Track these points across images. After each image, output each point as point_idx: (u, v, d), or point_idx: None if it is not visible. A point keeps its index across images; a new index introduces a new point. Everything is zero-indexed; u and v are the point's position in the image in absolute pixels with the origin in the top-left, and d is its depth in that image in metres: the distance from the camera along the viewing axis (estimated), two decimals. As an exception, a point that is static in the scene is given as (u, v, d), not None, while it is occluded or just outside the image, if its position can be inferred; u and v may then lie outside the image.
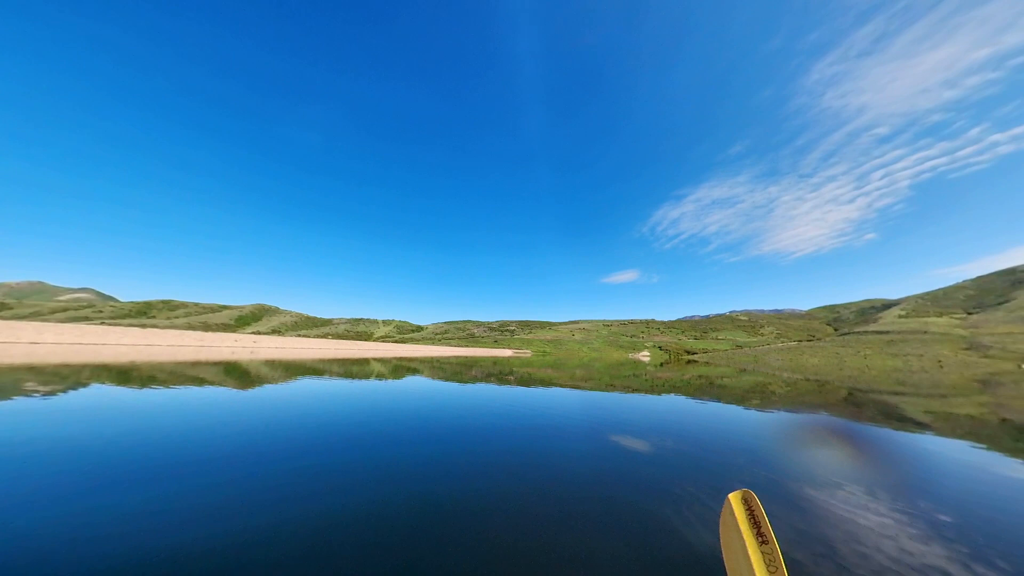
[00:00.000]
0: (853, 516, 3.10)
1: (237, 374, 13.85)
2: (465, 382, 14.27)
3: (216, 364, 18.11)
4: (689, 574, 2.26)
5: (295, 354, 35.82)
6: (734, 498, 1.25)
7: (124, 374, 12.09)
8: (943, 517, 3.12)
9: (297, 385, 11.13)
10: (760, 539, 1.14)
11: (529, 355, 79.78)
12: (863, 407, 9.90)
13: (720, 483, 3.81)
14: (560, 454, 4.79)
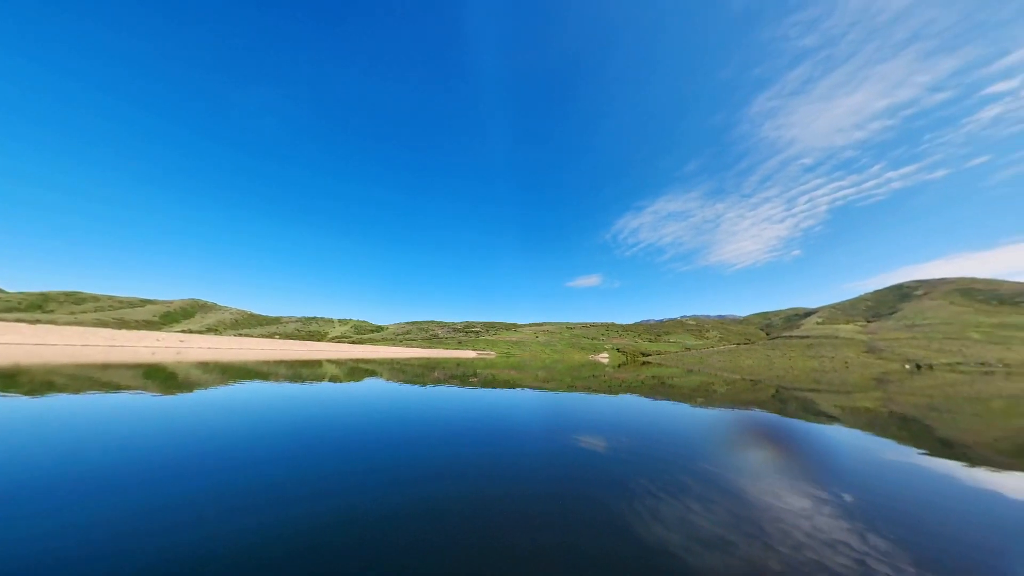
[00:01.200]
0: (778, 500, 3.49)
1: (159, 378, 12.21)
2: (427, 384, 13.89)
3: (131, 367, 15.79)
4: (636, 564, 2.40)
5: (234, 355, 32.40)
6: None
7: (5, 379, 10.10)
8: (847, 496, 3.63)
9: (233, 390, 10.08)
10: None
11: (493, 356, 79.74)
12: (787, 403, 11.21)
13: (668, 476, 4.10)
14: (522, 455, 4.83)
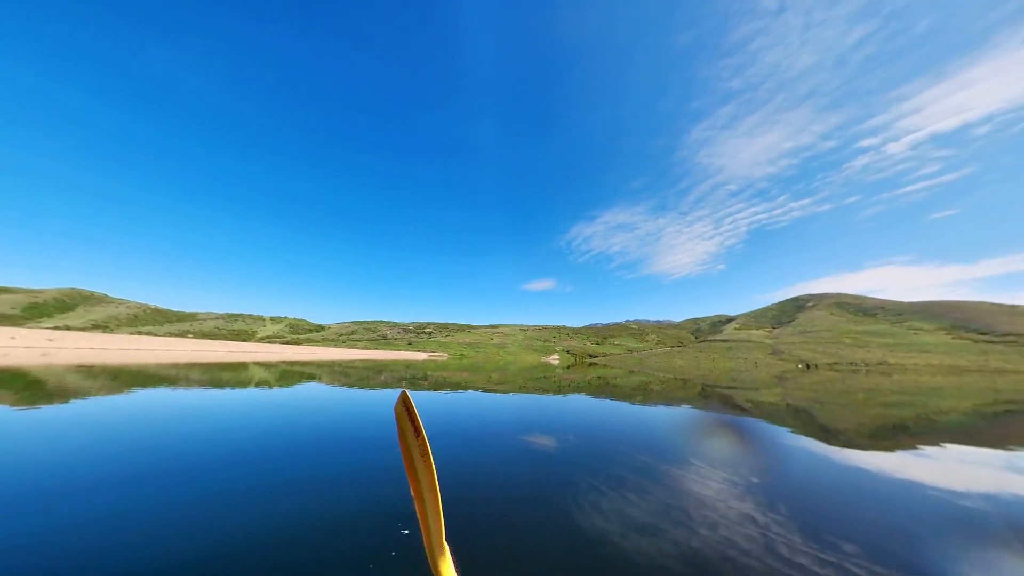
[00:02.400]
0: (700, 486, 3.91)
1: (14, 386, 9.80)
2: (372, 388, 13.07)
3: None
4: (575, 556, 2.51)
5: (128, 356, 27.24)
6: (397, 401, 1.47)
7: None
8: (753, 479, 4.20)
9: (132, 399, 8.49)
10: (415, 432, 1.39)
11: (446, 358, 77.87)
12: (710, 399, 12.66)
13: (610, 470, 4.36)
14: (472, 458, 4.78)
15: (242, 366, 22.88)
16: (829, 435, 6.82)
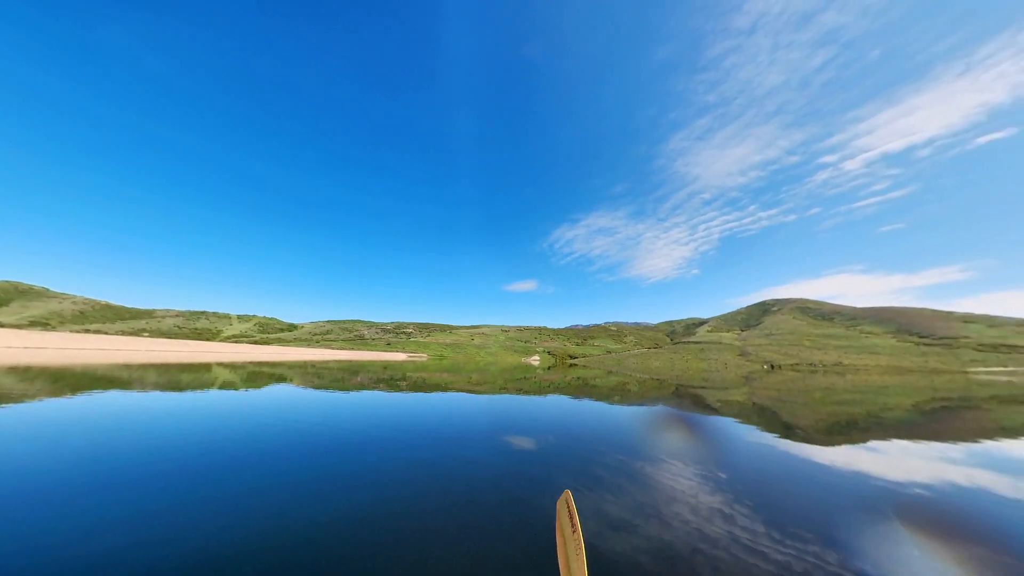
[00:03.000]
0: (672, 482, 4.06)
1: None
2: (348, 390, 12.65)
3: None
4: (553, 559, 2.54)
5: (71, 357, 25.00)
6: (561, 499, 1.80)
7: None
8: (722, 474, 4.40)
9: (75, 404, 7.80)
10: (572, 528, 1.63)
11: (425, 359, 76.58)
12: (683, 398, 13.17)
13: (588, 470, 4.44)
14: (454, 460, 4.73)
15: (204, 367, 21.53)
16: (790, 431, 7.27)
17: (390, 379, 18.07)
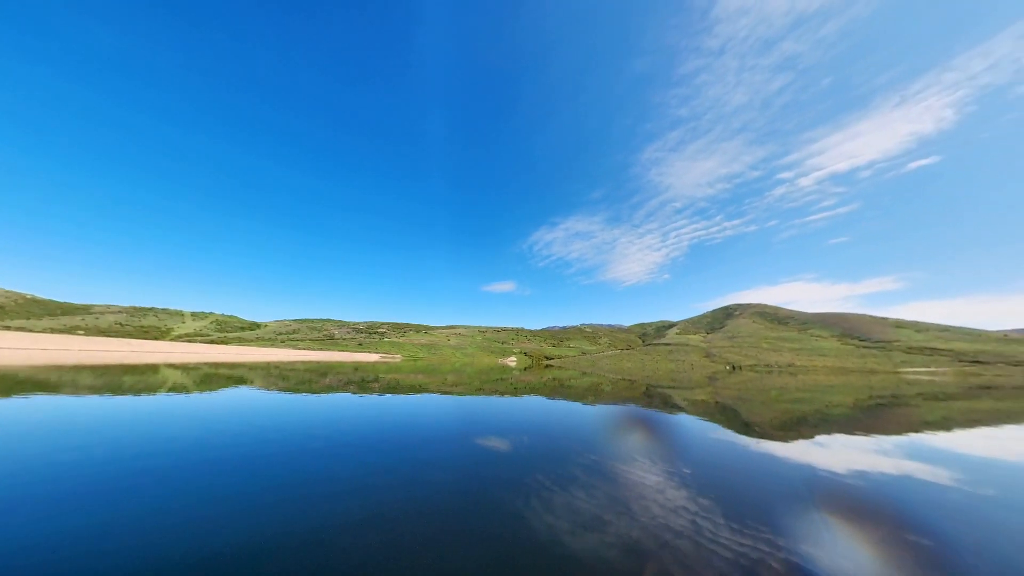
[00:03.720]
0: (642, 479, 4.22)
1: None
2: (317, 392, 12.07)
3: None
4: (526, 557, 2.56)
5: (-5, 358, 22.06)
6: None
7: None
8: (686, 470, 4.63)
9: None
10: None
11: (399, 360, 74.59)
12: (653, 398, 13.70)
13: (562, 469, 4.52)
14: (428, 463, 4.64)
15: (150, 368, 19.73)
16: (748, 428, 7.77)
17: (361, 381, 17.44)
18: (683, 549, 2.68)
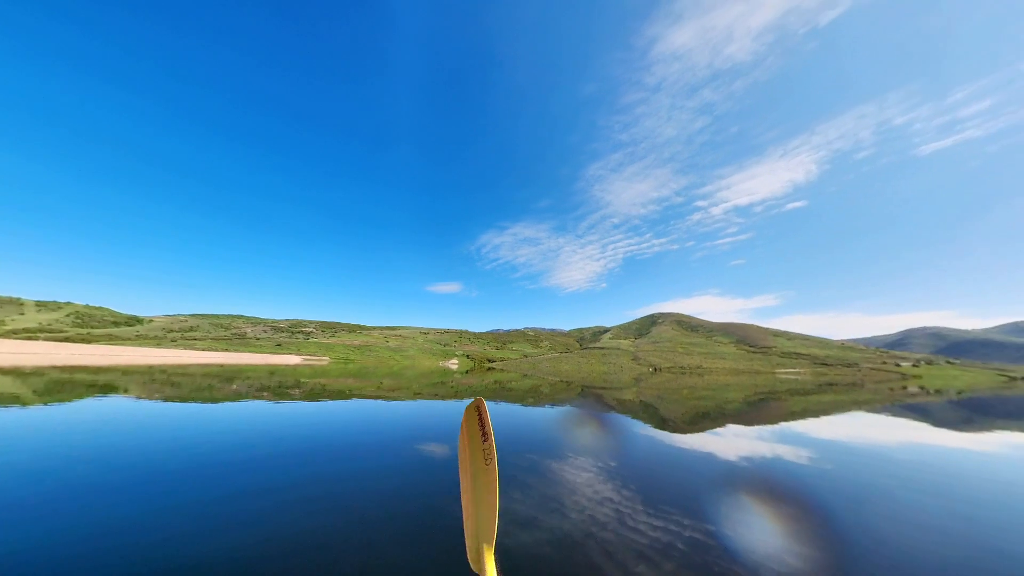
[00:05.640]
0: (573, 475, 4.46)
1: None
2: (218, 401, 10.30)
3: None
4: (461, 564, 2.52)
5: None
6: (470, 406, 1.47)
7: None
8: (612, 463, 5.02)
9: None
10: (483, 437, 1.42)
11: (327, 363, 67.56)
12: (587, 398, 14.63)
13: (500, 471, 4.54)
14: (359, 475, 4.27)
15: (-34, 374, 14.79)
16: (664, 423, 8.76)
17: (278, 387, 15.38)
18: (607, 538, 2.89)
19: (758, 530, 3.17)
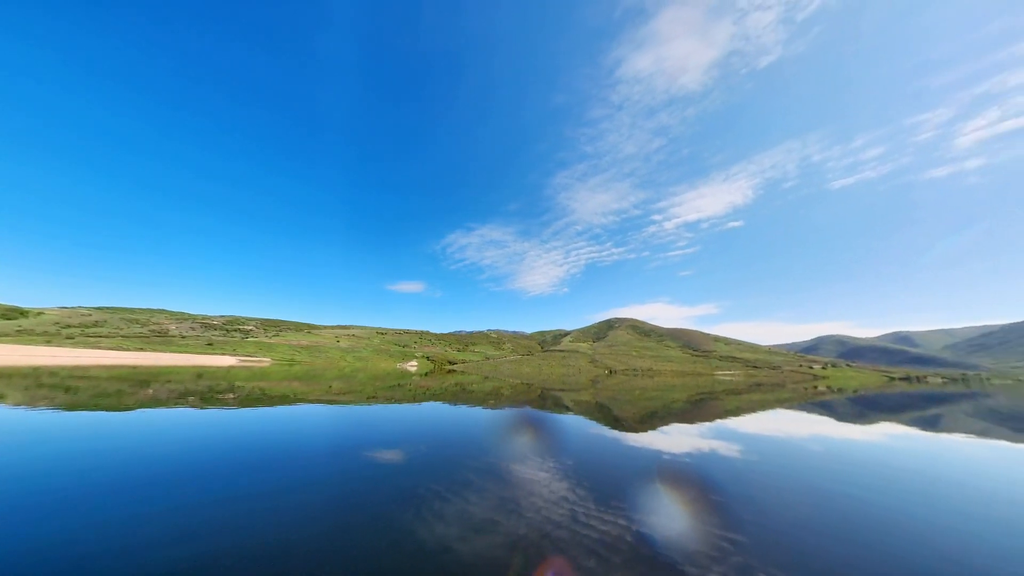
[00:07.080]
0: (531, 476, 4.50)
1: None
2: (129, 409, 8.90)
3: None
4: (420, 570, 2.41)
5: None
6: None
7: None
8: (568, 462, 5.15)
9: None
10: None
11: (267, 364, 61.45)
12: (547, 400, 14.92)
13: (457, 475, 4.44)
14: (301, 487, 3.92)
15: None
16: (617, 422, 9.21)
17: (207, 391, 13.67)
18: (561, 536, 2.95)
19: (697, 519, 3.44)
